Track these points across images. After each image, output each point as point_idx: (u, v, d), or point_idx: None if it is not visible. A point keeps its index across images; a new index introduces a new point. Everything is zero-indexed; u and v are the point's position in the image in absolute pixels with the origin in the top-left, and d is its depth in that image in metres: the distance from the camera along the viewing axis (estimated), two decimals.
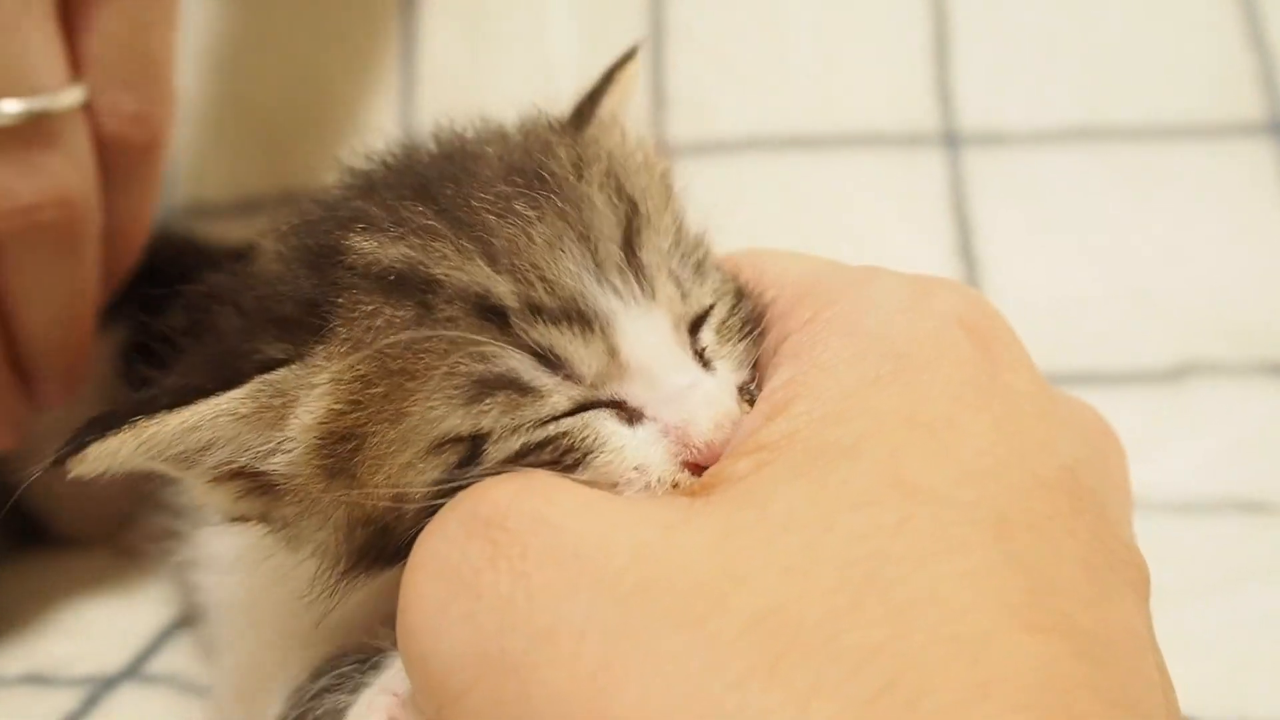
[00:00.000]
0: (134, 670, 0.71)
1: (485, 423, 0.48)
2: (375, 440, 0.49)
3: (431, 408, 0.49)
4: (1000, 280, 1.07)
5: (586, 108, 0.65)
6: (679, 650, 0.36)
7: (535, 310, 0.49)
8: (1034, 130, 1.11)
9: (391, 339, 0.49)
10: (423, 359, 0.49)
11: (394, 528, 0.50)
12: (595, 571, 0.39)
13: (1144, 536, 0.78)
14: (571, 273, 0.49)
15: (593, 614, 0.38)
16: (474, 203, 0.51)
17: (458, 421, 0.49)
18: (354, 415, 0.50)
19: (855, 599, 0.36)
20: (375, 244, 0.51)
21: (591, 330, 0.49)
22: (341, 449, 0.50)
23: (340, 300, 0.50)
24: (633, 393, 0.50)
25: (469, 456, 0.49)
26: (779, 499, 0.41)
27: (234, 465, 0.51)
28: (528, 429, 0.49)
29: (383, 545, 0.50)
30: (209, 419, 0.50)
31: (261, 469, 0.51)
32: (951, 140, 1.11)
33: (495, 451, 0.49)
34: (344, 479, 0.50)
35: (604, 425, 0.49)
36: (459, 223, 0.50)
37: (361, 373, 0.50)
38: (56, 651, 0.73)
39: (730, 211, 1.06)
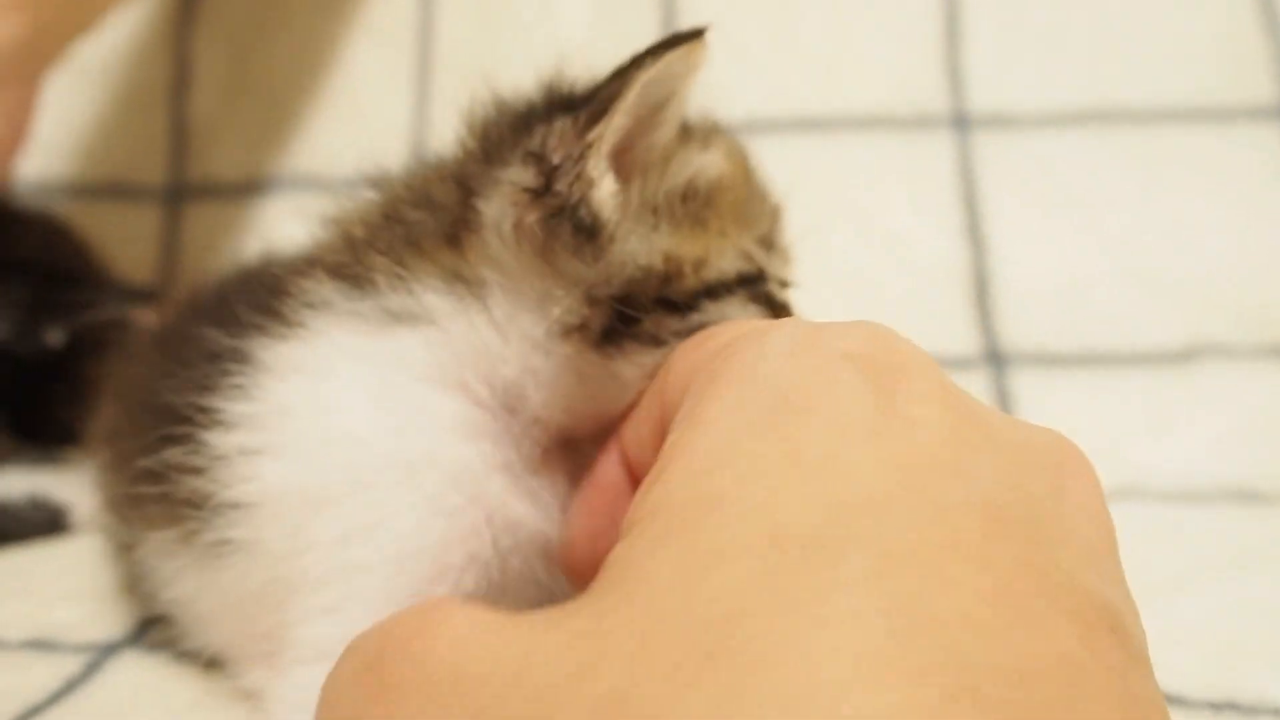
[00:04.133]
0: (137, 637, 0.71)
1: (771, 268, 0.59)
2: (719, 220, 0.57)
3: (755, 235, 0.59)
4: (1008, 262, 1.07)
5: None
6: None
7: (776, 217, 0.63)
8: (1043, 112, 1.11)
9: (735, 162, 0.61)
10: (748, 197, 0.60)
11: (674, 288, 0.55)
12: (463, 706, 0.37)
13: (1146, 523, 0.79)
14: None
15: None
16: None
17: (757, 251, 0.58)
18: (730, 180, 0.59)
19: (698, 671, 0.33)
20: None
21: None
22: (699, 207, 0.57)
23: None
24: None
25: (758, 277, 0.58)
26: (644, 572, 0.37)
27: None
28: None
29: (641, 302, 0.54)
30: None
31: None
32: (961, 122, 1.11)
33: (771, 288, 0.59)
34: (683, 228, 0.56)
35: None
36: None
37: (735, 165, 0.60)
38: (61, 618, 0.74)
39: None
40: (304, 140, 1.24)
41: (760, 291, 0.58)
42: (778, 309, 0.59)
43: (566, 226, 0.53)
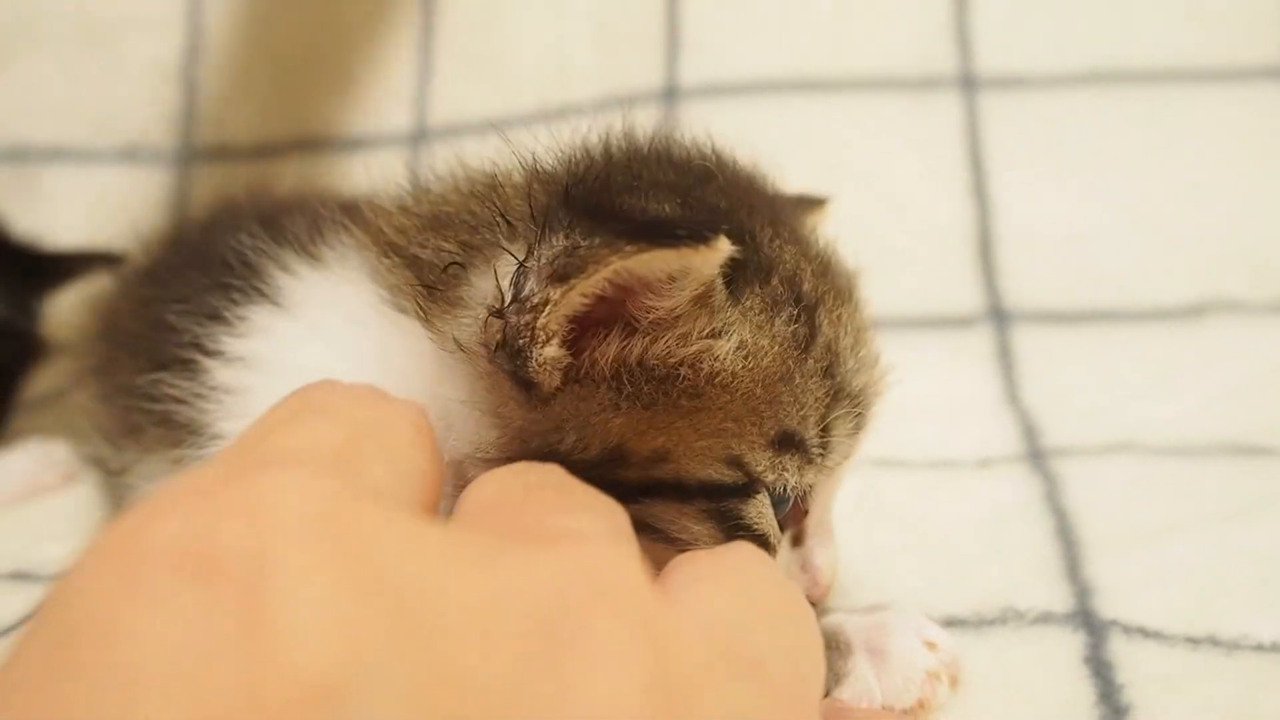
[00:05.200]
0: None
1: (770, 475, 0.51)
2: (705, 415, 0.49)
3: (759, 433, 0.50)
4: (1013, 220, 1.06)
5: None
6: None
7: (851, 398, 0.53)
8: (1052, 74, 1.10)
9: (786, 347, 0.51)
10: (785, 385, 0.50)
11: (619, 472, 0.49)
12: None
13: (1140, 474, 0.78)
14: (874, 382, 0.55)
15: None
16: (828, 272, 0.55)
17: (761, 459, 0.50)
18: (731, 377, 0.49)
19: None
20: (792, 257, 0.53)
21: (857, 432, 0.54)
22: (678, 394, 0.49)
23: (760, 277, 0.51)
24: (813, 510, 0.56)
25: (742, 489, 0.51)
26: None
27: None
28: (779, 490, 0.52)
29: (589, 471, 0.46)
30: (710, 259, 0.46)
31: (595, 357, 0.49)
32: (968, 83, 1.10)
33: (756, 502, 0.51)
34: (645, 413, 0.49)
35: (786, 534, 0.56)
36: (829, 285, 0.54)
37: (761, 350, 0.50)
38: (45, 554, 0.75)
39: (743, 155, 1.09)
40: (311, 107, 1.24)
41: (728, 509, 0.51)
42: (740, 533, 0.51)
43: (509, 365, 0.48)
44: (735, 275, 0.49)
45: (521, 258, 0.46)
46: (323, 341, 0.54)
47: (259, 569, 0.29)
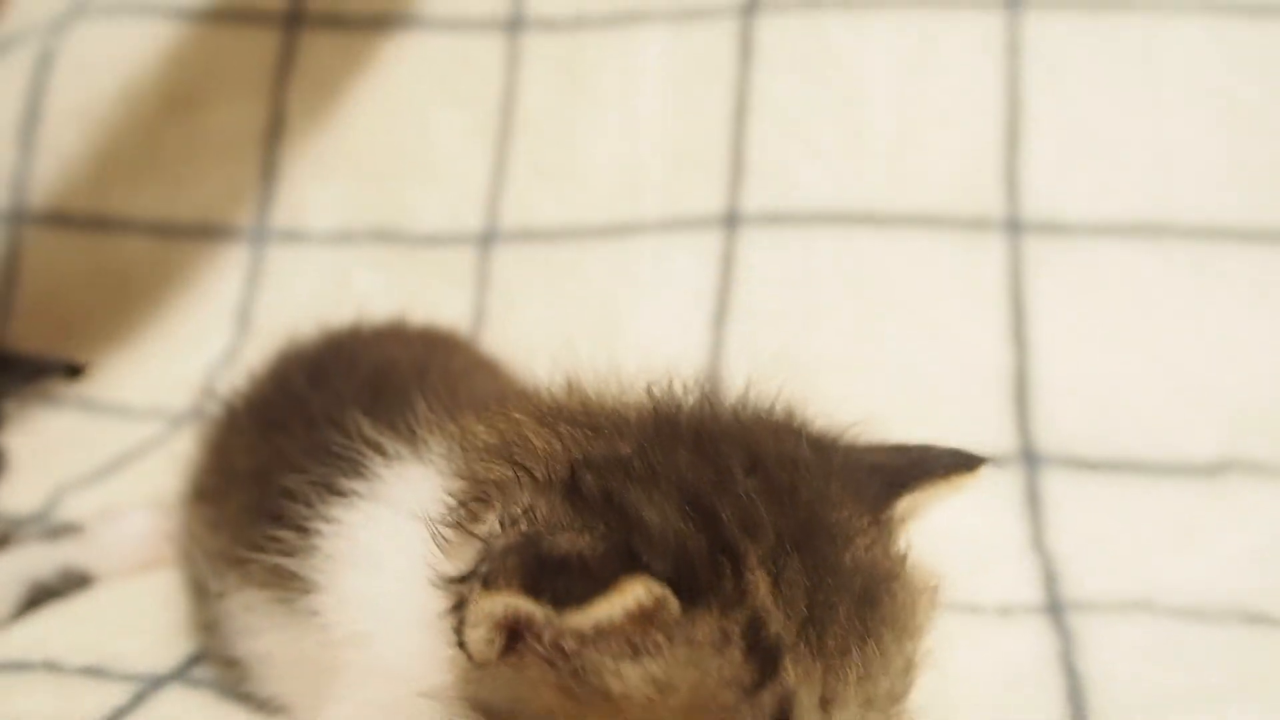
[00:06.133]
0: (181, 673, 0.77)
1: None
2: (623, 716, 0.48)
3: None
4: (1050, 365, 1.10)
5: (898, 487, 0.59)
6: None
7: None
8: (1096, 222, 1.14)
9: (725, 683, 0.48)
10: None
11: None
12: None
13: (1153, 639, 0.81)
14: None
15: None
16: (833, 605, 0.50)
17: None
18: (644, 701, 0.48)
19: None
20: (766, 588, 0.49)
21: None
22: (597, 697, 0.48)
23: (719, 600, 0.48)
24: None
25: None
26: None
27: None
28: None
29: None
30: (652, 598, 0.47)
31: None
32: (1015, 226, 1.14)
33: None
34: (568, 701, 0.48)
35: None
36: (819, 626, 0.49)
37: (686, 681, 0.48)
38: (119, 648, 0.79)
39: (797, 284, 1.14)
40: (386, 196, 1.30)
41: None
42: None
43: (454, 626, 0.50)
44: (696, 595, 0.48)
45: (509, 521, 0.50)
46: (405, 536, 0.57)
47: None
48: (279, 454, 0.69)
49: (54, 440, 1.16)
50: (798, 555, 0.50)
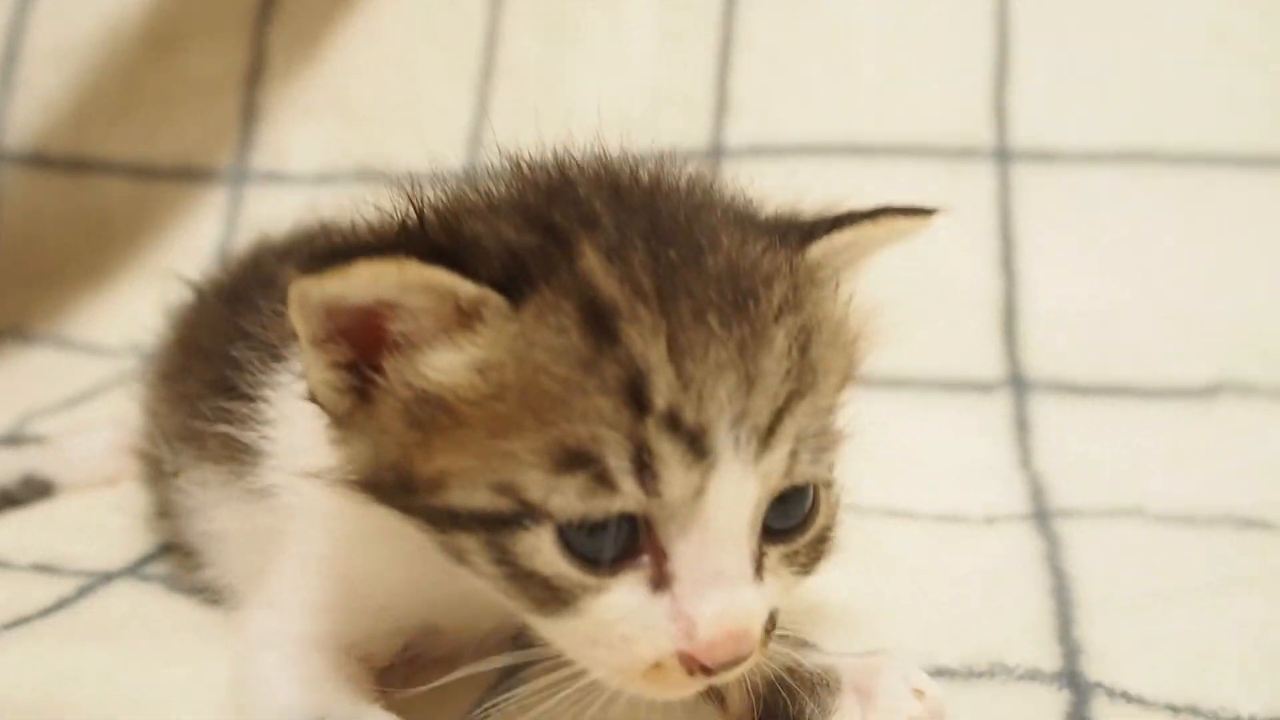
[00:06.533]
0: (133, 569, 0.75)
1: (553, 501, 0.47)
2: (467, 433, 0.48)
3: (530, 451, 0.47)
4: (1037, 292, 1.09)
5: (822, 229, 0.58)
6: None
7: (671, 419, 0.47)
8: (1086, 150, 1.13)
9: (560, 356, 0.48)
10: (560, 402, 0.47)
11: (414, 499, 0.50)
12: None
13: (1142, 541, 0.79)
14: (719, 406, 0.48)
15: None
16: (686, 286, 0.49)
17: (535, 482, 0.47)
18: (476, 392, 0.49)
19: None
20: (600, 266, 0.49)
21: (698, 463, 0.48)
22: (437, 412, 0.49)
23: (551, 286, 0.49)
24: (679, 550, 0.49)
25: (512, 519, 0.48)
26: None
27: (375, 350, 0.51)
28: (574, 529, 0.48)
29: (399, 499, 0.51)
30: (445, 285, 0.49)
31: (374, 376, 0.51)
32: (1003, 155, 1.13)
33: (530, 537, 0.48)
34: (416, 433, 0.49)
35: (628, 577, 0.49)
36: (665, 297, 0.49)
37: (518, 363, 0.48)
38: (70, 549, 0.78)
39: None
40: (368, 138, 1.28)
41: (498, 543, 0.49)
42: (520, 579, 0.49)
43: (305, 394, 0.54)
44: (529, 286, 0.49)
45: None
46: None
47: None
48: (240, 330, 0.67)
49: (27, 376, 1.15)
50: (644, 245, 0.50)
